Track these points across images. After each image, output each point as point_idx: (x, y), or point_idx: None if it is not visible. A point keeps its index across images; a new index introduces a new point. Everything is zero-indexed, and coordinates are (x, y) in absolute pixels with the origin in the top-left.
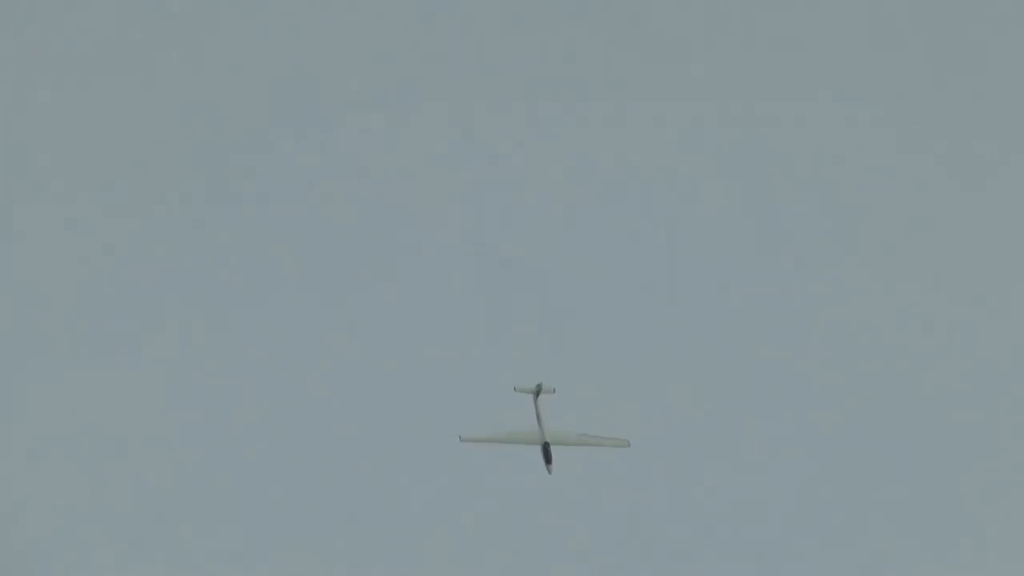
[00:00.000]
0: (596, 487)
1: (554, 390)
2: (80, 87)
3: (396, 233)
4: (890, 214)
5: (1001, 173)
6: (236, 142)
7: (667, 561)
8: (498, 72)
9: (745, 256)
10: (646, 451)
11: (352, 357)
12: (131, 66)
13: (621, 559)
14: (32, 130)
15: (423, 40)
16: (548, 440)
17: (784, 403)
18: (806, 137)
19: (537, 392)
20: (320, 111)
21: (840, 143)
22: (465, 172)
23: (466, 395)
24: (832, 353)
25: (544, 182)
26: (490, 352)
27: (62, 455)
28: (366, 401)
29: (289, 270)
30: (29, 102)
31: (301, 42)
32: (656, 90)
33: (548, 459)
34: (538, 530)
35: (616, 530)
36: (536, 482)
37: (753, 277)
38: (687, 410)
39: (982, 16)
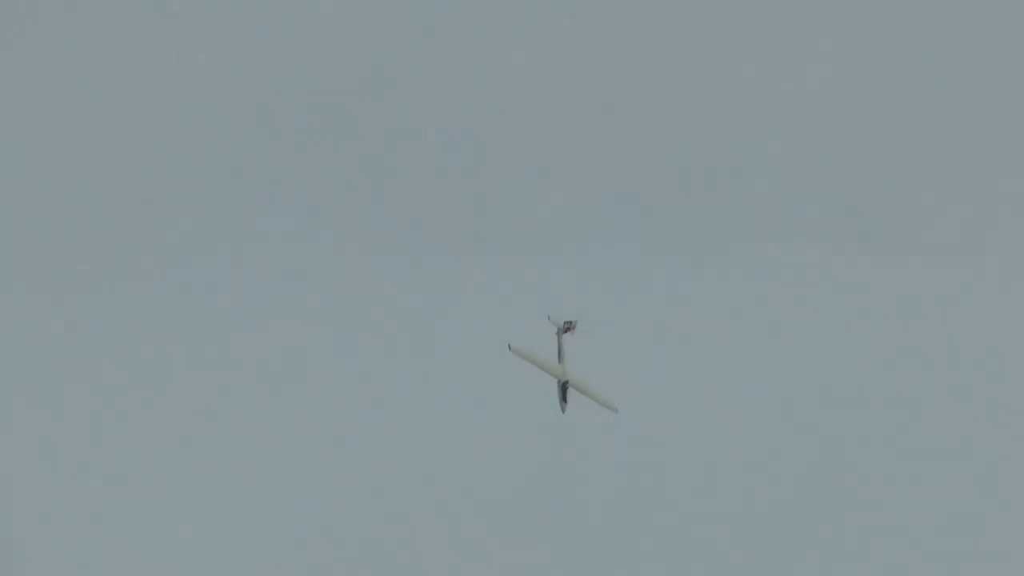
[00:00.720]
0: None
1: (572, 334)
2: (80, 87)
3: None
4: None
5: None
6: (236, 141)
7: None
8: (498, 72)
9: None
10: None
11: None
12: (131, 66)
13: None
14: (33, 129)
15: (423, 41)
16: (568, 380)
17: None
18: None
19: (564, 329)
20: (319, 112)
21: None
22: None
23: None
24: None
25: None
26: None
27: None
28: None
29: (303, 263)
30: (29, 101)
31: (301, 42)
32: None
33: (564, 397)
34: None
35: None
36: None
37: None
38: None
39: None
